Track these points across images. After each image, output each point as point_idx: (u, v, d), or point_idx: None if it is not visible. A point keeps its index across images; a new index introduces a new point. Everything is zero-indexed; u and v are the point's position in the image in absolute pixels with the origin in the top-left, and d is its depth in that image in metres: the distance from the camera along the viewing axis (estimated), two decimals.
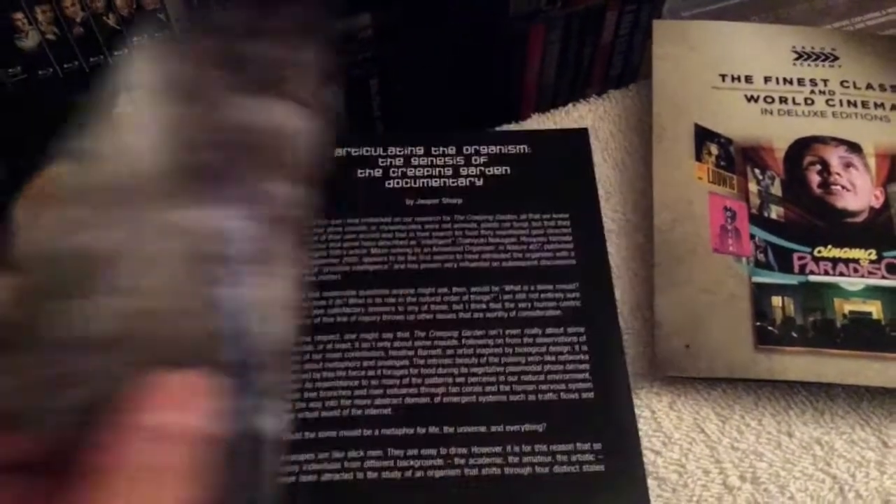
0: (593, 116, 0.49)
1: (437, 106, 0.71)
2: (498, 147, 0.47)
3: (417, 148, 0.47)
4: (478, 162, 0.46)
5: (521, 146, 0.47)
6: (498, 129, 0.50)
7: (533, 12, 0.72)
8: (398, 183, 0.45)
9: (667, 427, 0.40)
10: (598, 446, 0.38)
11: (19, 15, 0.62)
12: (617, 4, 0.75)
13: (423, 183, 0.45)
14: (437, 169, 0.46)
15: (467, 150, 0.47)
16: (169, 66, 0.29)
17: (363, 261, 0.42)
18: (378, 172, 0.46)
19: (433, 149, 0.47)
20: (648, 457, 0.39)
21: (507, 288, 0.42)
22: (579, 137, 0.47)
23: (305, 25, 0.34)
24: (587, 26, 0.75)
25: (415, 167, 0.46)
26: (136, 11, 0.65)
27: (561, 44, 0.76)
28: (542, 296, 0.42)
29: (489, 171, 0.46)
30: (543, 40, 0.73)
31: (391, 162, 0.46)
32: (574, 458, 0.37)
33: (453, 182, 0.45)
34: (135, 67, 0.29)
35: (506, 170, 0.46)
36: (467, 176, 0.46)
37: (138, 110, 0.29)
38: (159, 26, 0.67)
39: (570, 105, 0.50)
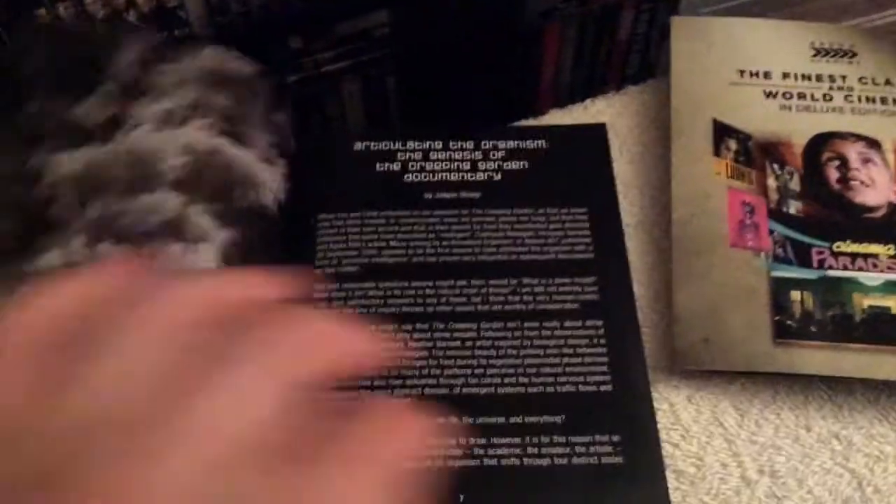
0: (611, 112, 0.49)
1: (455, 103, 0.71)
2: (516, 142, 0.47)
3: (436, 142, 0.47)
4: (496, 157, 0.46)
5: (539, 141, 0.47)
6: (516, 124, 0.50)
7: (549, 9, 0.73)
8: (417, 177, 0.46)
9: (685, 420, 0.40)
10: (616, 438, 0.38)
11: (42, 11, 0.62)
12: (633, 2, 0.75)
13: (441, 177, 0.45)
14: (456, 163, 0.46)
15: (485, 144, 0.47)
16: None
17: (382, 253, 0.43)
18: (397, 166, 0.46)
19: (451, 143, 0.47)
20: (667, 449, 0.39)
21: (526, 281, 0.42)
22: (597, 132, 0.48)
23: None
24: (604, 24, 0.76)
25: (433, 161, 0.46)
26: (155, 9, 0.66)
27: (577, 41, 0.76)
28: (561, 289, 0.42)
29: (507, 165, 0.46)
30: (560, 37, 0.74)
31: (410, 156, 0.46)
32: (592, 449, 0.37)
33: (471, 176, 0.46)
34: None
35: (524, 164, 0.46)
36: (485, 170, 0.46)
37: None
38: (179, 23, 0.67)
39: (588, 101, 0.50)
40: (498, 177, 0.46)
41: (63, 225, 0.36)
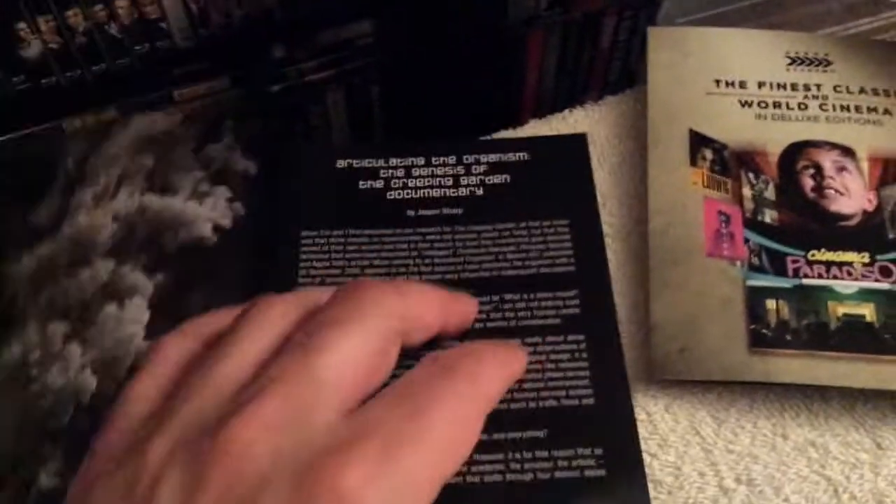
0: (590, 122, 0.50)
1: (438, 112, 0.72)
2: (497, 155, 0.47)
3: (418, 159, 0.47)
4: (477, 171, 0.47)
5: (521, 153, 0.47)
6: (496, 135, 0.50)
7: (531, 18, 0.73)
8: (399, 194, 0.46)
9: (662, 430, 0.40)
10: (599, 451, 0.38)
11: (23, 25, 0.63)
12: (615, 10, 0.76)
13: (423, 193, 0.46)
14: (438, 179, 0.46)
15: (467, 159, 0.47)
16: None
17: (365, 272, 0.43)
18: (379, 184, 0.46)
19: (434, 159, 0.47)
20: (644, 459, 0.39)
21: (507, 297, 0.42)
22: (577, 142, 0.48)
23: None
24: (585, 32, 0.76)
25: (415, 178, 0.46)
26: (137, 21, 0.66)
27: (559, 49, 0.77)
28: (542, 304, 0.42)
29: (489, 179, 0.46)
30: (542, 46, 0.74)
31: (392, 173, 0.47)
32: (575, 463, 0.38)
33: (453, 192, 0.46)
34: None
35: (505, 178, 0.46)
36: (467, 185, 0.46)
37: None
38: (160, 35, 0.68)
39: (566, 111, 0.50)
40: (480, 191, 0.46)
41: (20, 318, 0.39)
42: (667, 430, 0.40)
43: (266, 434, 0.24)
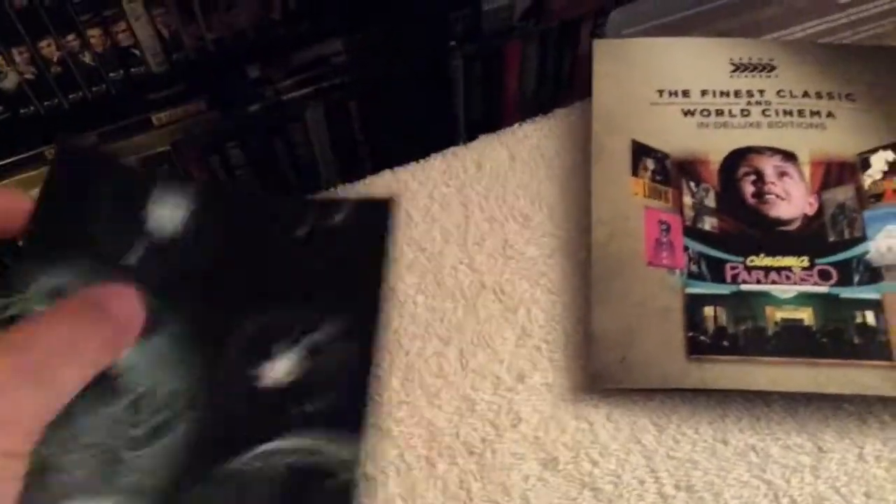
0: (539, 135, 0.50)
1: (416, 123, 0.73)
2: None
3: None
4: None
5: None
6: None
7: (507, 29, 0.74)
8: None
9: (603, 438, 0.41)
10: None
11: None
12: (591, 17, 0.76)
13: None
14: None
15: None
16: None
17: None
18: None
19: None
20: (585, 468, 0.40)
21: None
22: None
23: None
24: (563, 39, 0.77)
25: None
26: (110, 48, 0.68)
27: (539, 57, 0.77)
28: None
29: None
30: (521, 54, 0.75)
31: None
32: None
33: None
34: None
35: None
36: None
37: None
38: (134, 62, 0.70)
39: (516, 125, 0.51)
40: None
41: None
42: (608, 438, 0.41)
43: None
